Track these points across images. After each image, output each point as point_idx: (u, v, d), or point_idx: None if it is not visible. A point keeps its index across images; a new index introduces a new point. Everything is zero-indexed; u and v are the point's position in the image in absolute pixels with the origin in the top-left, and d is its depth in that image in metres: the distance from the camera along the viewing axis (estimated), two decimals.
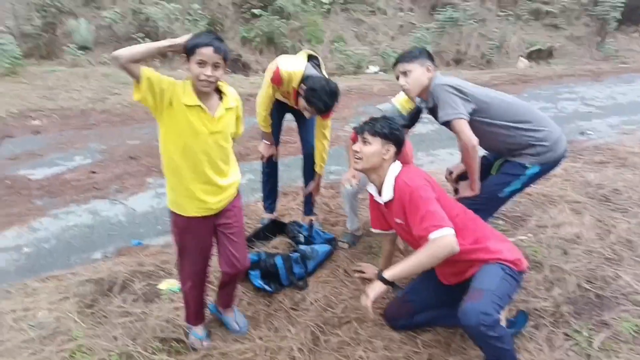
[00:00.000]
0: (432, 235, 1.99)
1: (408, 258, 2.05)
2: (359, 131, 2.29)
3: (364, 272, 2.91)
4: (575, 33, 12.92)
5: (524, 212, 3.64)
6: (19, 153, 5.10)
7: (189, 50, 1.87)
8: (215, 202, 2.08)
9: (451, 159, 5.04)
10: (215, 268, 2.50)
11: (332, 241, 3.22)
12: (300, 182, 4.06)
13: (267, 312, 2.60)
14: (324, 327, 2.46)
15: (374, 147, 2.22)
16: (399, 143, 2.28)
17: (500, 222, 3.50)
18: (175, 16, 9.56)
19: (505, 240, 2.30)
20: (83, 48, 8.91)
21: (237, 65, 9.73)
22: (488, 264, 2.11)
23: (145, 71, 1.81)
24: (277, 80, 2.90)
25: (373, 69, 10.32)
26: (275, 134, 3.35)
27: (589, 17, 13.15)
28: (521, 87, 9.02)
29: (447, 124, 2.45)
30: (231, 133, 2.12)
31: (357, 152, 2.26)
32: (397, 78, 2.63)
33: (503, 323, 2.26)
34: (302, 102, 2.80)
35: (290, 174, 4.46)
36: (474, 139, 2.38)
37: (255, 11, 10.02)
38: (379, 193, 2.33)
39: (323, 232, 3.36)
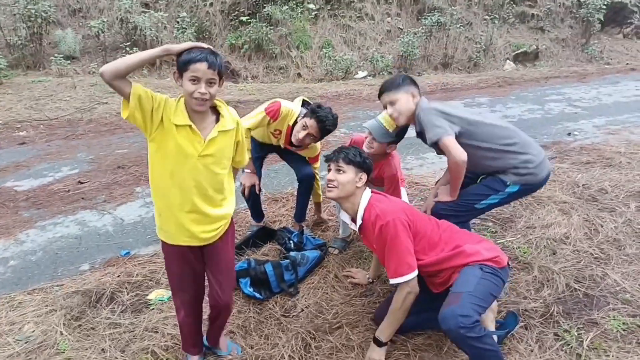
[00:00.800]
0: (395, 281, 2.14)
1: (388, 317, 2.20)
2: (333, 159, 2.30)
3: (354, 277, 2.91)
4: (561, 35, 13.11)
5: (513, 213, 3.67)
6: (5, 164, 5.04)
7: (181, 66, 1.75)
8: (203, 232, 1.94)
9: (440, 162, 5.07)
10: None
11: (322, 247, 3.21)
12: (290, 189, 4.07)
13: (257, 319, 2.58)
14: (315, 334, 2.44)
15: (348, 176, 2.25)
16: (369, 171, 2.33)
17: (490, 223, 3.53)
18: (163, 24, 9.55)
19: (482, 241, 2.34)
20: (69, 58, 8.86)
21: (225, 73, 9.73)
22: (467, 267, 2.15)
23: (135, 88, 1.70)
24: (275, 112, 2.99)
25: (362, 74, 10.37)
26: (257, 168, 3.24)
27: (574, 19, 13.36)
28: (508, 89, 9.11)
29: (436, 144, 2.44)
30: (232, 159, 1.99)
31: (332, 180, 2.26)
32: (385, 107, 2.63)
33: (492, 325, 2.28)
34: (297, 134, 2.93)
35: (279, 180, 4.46)
36: (463, 154, 2.37)
37: (243, 18, 10.04)
38: (354, 220, 2.34)
39: (314, 237, 3.35)
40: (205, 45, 1.80)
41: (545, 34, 13.06)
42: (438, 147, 2.45)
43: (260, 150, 3.31)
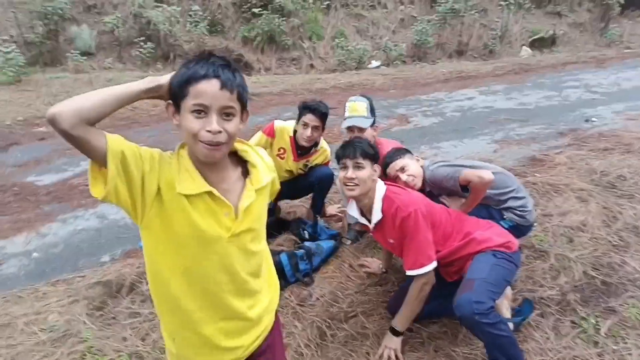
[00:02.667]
0: (414, 273, 2.14)
1: (405, 308, 2.21)
2: (350, 156, 2.19)
3: (369, 267, 2.93)
4: (578, 20, 12.83)
5: None
6: (26, 160, 5.16)
7: (177, 90, 1.10)
8: (245, 345, 1.29)
9: (454, 151, 5.04)
10: None
11: (336, 237, 3.23)
12: None
13: None
14: (331, 322, 2.47)
15: (367, 171, 2.19)
16: (377, 162, 2.29)
17: None
18: (176, 18, 9.60)
19: (492, 226, 2.35)
20: (85, 54, 8.98)
21: (239, 66, 9.76)
22: (480, 254, 2.17)
23: (114, 143, 1.03)
24: (270, 129, 3.16)
25: (375, 63, 10.31)
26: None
27: (592, 2, 13.05)
28: (524, 76, 8.97)
29: (459, 185, 2.51)
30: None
31: (352, 179, 2.16)
32: (395, 179, 2.68)
33: (507, 312, 2.28)
34: (303, 135, 3.02)
35: None
36: (489, 174, 2.42)
37: (256, 10, 10.04)
38: (368, 216, 2.30)
39: (328, 228, 3.37)
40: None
41: (562, 19, 12.80)
42: (461, 185, 2.51)
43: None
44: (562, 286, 2.66)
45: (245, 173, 1.24)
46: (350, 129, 2.85)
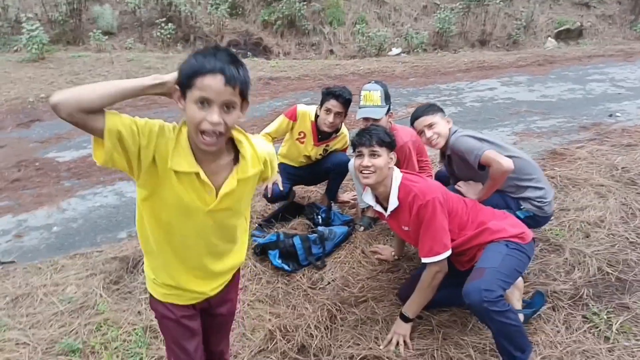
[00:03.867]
0: (429, 260, 2.15)
1: (416, 295, 2.24)
2: (366, 144, 2.20)
3: (381, 254, 2.94)
4: (607, 11, 12.46)
5: None
6: (47, 136, 5.26)
7: (184, 81, 1.18)
8: (209, 289, 1.50)
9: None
10: None
11: (350, 223, 3.25)
12: None
13: (285, 290, 2.66)
14: (341, 306, 2.50)
15: (384, 159, 2.19)
16: (394, 149, 2.28)
17: None
18: (197, 0, 9.60)
19: (507, 217, 2.34)
20: (107, 34, 9.05)
21: (258, 49, 9.75)
22: (492, 243, 2.16)
23: (112, 122, 1.13)
24: (292, 113, 3.21)
25: (395, 51, 10.18)
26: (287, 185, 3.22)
27: None
28: (548, 68, 8.77)
29: (479, 164, 2.45)
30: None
31: (367, 166, 2.18)
32: (420, 133, 2.65)
33: (518, 303, 2.27)
34: (326, 120, 3.06)
35: None
36: (510, 163, 2.37)
37: None
38: (384, 203, 2.30)
39: (341, 213, 3.39)
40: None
41: (590, 10, 12.45)
42: (480, 164, 2.45)
43: (289, 181, 3.30)
44: (575, 281, 2.64)
45: (236, 160, 1.35)
46: (365, 119, 2.84)
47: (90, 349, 2.20)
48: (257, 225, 3.23)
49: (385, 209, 2.29)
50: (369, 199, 2.39)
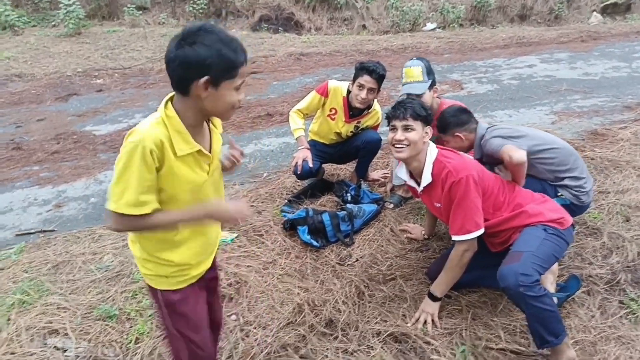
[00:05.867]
0: (459, 238, 2.12)
1: (444, 273, 2.23)
2: (399, 117, 2.16)
3: (411, 233, 2.91)
4: None
5: None
6: (84, 110, 5.40)
7: (222, 73, 1.26)
8: (212, 256, 1.62)
9: (509, 120, 4.84)
10: None
11: (379, 201, 3.22)
12: None
13: (314, 265, 2.68)
14: (369, 283, 2.50)
15: (418, 133, 2.14)
16: (430, 124, 2.22)
17: None
18: None
19: (546, 201, 2.26)
20: (141, 8, 9.14)
21: (289, 24, 9.65)
22: (529, 227, 2.10)
23: (154, 202, 1.30)
24: (324, 89, 3.16)
25: (430, 26, 9.90)
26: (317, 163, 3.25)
27: None
28: (592, 44, 8.37)
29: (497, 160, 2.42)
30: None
31: (401, 140, 2.14)
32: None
33: (551, 287, 2.22)
34: (358, 97, 3.01)
35: None
36: (518, 157, 2.25)
37: None
38: (417, 179, 2.27)
39: (371, 192, 3.36)
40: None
41: None
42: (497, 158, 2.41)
43: (319, 158, 3.31)
44: (612, 265, 2.56)
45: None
46: (408, 94, 2.75)
47: (126, 316, 2.28)
48: (286, 201, 3.25)
49: (419, 184, 2.25)
50: (402, 173, 2.36)
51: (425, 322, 2.22)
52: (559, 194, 2.52)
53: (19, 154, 4.27)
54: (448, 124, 2.60)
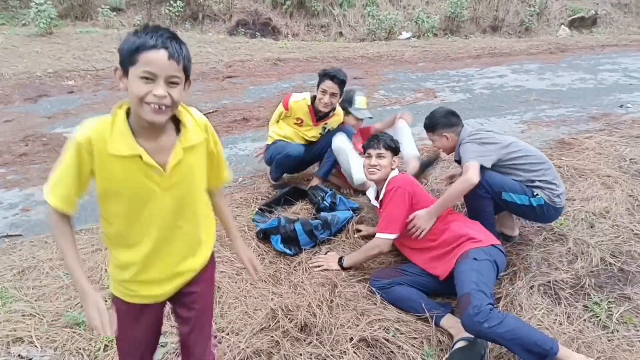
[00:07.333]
0: (379, 235, 2.54)
1: (358, 252, 2.68)
2: (374, 146, 2.67)
3: (362, 231, 3.02)
4: (623, 0, 12.20)
5: None
6: (55, 112, 5.27)
7: (126, 58, 1.18)
8: (171, 288, 1.45)
9: (481, 128, 4.95)
10: None
11: (356, 210, 3.22)
12: None
13: (288, 270, 2.68)
14: (342, 284, 2.51)
15: (388, 160, 2.66)
16: (398, 154, 2.76)
17: None
18: None
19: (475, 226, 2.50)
20: (115, 10, 9.00)
21: (267, 30, 9.66)
22: (460, 263, 2.24)
23: (73, 201, 1.32)
24: (286, 104, 3.41)
25: (405, 35, 10.07)
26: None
27: None
28: (560, 56, 8.66)
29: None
30: (208, 178, 1.46)
31: (374, 165, 2.65)
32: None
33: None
34: (322, 101, 3.27)
35: None
36: (475, 178, 2.47)
37: None
38: (378, 196, 2.72)
39: (348, 200, 3.35)
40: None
41: None
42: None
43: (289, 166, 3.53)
44: (577, 270, 2.64)
45: (178, 131, 1.32)
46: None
47: None
48: (257, 209, 3.23)
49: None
50: (370, 194, 2.87)
51: (319, 267, 2.67)
52: (535, 193, 2.61)
53: None
54: (437, 123, 2.84)
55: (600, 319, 2.31)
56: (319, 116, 3.40)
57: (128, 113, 1.26)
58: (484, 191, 2.58)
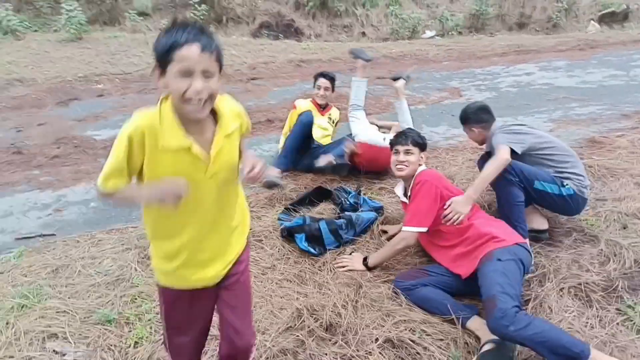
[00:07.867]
0: (405, 228, 2.54)
1: (383, 249, 2.67)
2: (402, 143, 2.69)
3: (388, 232, 3.00)
4: None
5: None
6: (85, 115, 5.43)
7: (162, 57, 1.22)
8: (220, 268, 1.52)
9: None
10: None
11: (379, 210, 3.21)
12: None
13: (312, 270, 2.69)
14: (367, 284, 2.50)
15: (416, 156, 2.67)
16: (425, 150, 2.76)
17: None
18: None
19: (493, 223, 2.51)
20: (142, 14, 9.19)
21: (289, 31, 9.71)
22: (484, 264, 2.21)
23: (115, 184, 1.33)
24: (293, 106, 4.12)
25: (429, 33, 9.97)
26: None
27: None
28: (589, 53, 8.43)
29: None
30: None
31: (402, 161, 2.66)
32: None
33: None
34: (318, 95, 4.09)
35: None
36: (507, 155, 2.63)
37: None
38: (406, 192, 2.71)
39: (371, 199, 3.35)
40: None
41: None
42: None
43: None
44: (610, 272, 2.57)
45: (215, 121, 1.38)
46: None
47: (125, 320, 2.29)
48: (283, 208, 3.26)
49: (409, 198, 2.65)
50: (398, 190, 2.83)
51: (344, 267, 2.66)
52: (565, 184, 2.71)
53: (20, 158, 4.29)
54: (467, 119, 3.03)
55: (634, 323, 2.23)
56: (321, 108, 4.14)
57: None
58: (517, 180, 2.67)
